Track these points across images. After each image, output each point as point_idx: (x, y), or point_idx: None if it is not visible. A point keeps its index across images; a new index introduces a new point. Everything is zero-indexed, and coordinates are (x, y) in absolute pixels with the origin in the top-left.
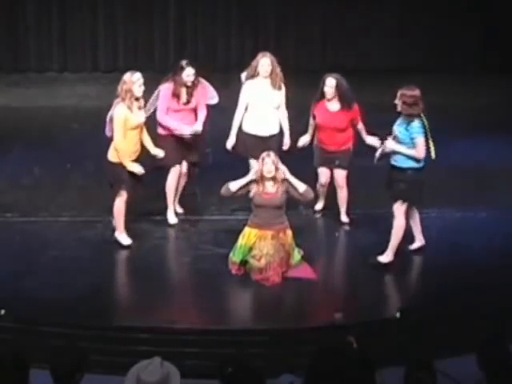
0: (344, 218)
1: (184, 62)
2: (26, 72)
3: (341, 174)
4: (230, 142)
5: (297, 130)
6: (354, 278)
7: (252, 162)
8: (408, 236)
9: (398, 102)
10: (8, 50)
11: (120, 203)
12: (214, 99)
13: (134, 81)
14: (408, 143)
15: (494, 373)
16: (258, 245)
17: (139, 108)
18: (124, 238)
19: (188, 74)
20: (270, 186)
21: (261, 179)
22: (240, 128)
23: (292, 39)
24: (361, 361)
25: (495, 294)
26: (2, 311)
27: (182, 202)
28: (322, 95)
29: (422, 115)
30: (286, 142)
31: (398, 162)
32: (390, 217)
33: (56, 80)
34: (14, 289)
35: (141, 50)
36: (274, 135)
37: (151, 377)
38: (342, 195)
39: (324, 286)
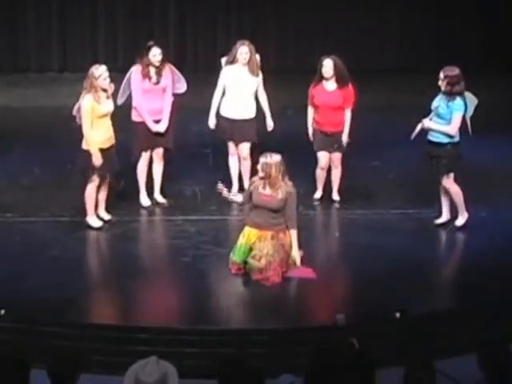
0: (335, 197)
1: (150, 43)
2: (26, 72)
3: (337, 156)
4: (211, 122)
5: (297, 128)
6: (353, 278)
7: (230, 144)
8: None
9: (441, 82)
10: (8, 50)
11: (91, 188)
12: (181, 88)
13: (96, 76)
14: (448, 119)
15: (494, 373)
16: (258, 245)
17: (107, 97)
18: (94, 221)
19: (154, 53)
20: (269, 188)
21: (264, 179)
22: (218, 112)
23: (292, 39)
24: (361, 361)
25: (495, 294)
26: (2, 311)
27: (164, 191)
28: (321, 78)
29: (463, 93)
30: (270, 124)
31: (438, 138)
32: (390, 217)
33: (56, 80)
34: (14, 289)
35: (141, 50)
36: (249, 119)
37: (149, 377)
38: (336, 175)
39: (324, 286)
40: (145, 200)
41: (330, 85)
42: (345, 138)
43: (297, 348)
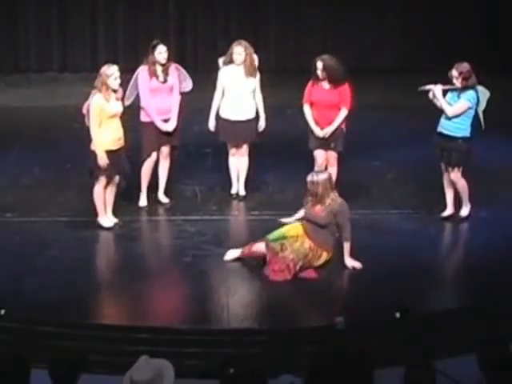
0: None
1: (155, 42)
2: (26, 72)
3: (333, 155)
4: (211, 124)
5: (296, 128)
6: (354, 277)
7: (231, 149)
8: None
9: (456, 80)
10: (8, 50)
11: (99, 189)
12: (187, 87)
13: (108, 74)
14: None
15: (494, 373)
16: (292, 240)
17: (117, 99)
18: (105, 221)
19: (160, 51)
20: (316, 206)
21: (311, 198)
22: (218, 114)
23: (292, 39)
24: (360, 361)
25: (495, 294)
26: (2, 311)
27: (167, 191)
28: (317, 77)
29: (475, 87)
30: (261, 125)
31: (450, 131)
32: (390, 217)
33: (56, 80)
34: (14, 289)
35: (141, 50)
36: (249, 120)
37: (142, 376)
38: (333, 173)
39: (324, 286)
40: (143, 201)
41: (327, 84)
42: (330, 130)
43: (297, 348)
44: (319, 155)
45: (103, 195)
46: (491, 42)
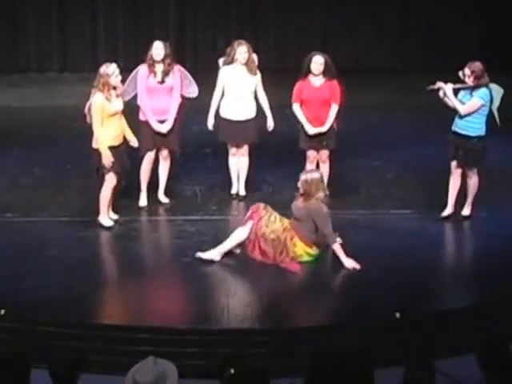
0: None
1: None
2: (26, 72)
3: (325, 152)
4: (210, 123)
5: (297, 127)
6: (353, 277)
7: (231, 149)
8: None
9: (468, 78)
10: (8, 50)
11: (108, 188)
12: (193, 93)
13: (109, 73)
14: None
15: (494, 373)
16: (278, 220)
17: (117, 96)
18: (106, 221)
19: (156, 47)
20: (300, 200)
21: (303, 196)
22: (218, 113)
23: (292, 39)
24: (360, 361)
25: (495, 294)
26: (2, 311)
27: (167, 191)
28: (308, 73)
29: (488, 85)
30: (270, 125)
31: (465, 130)
32: (390, 217)
33: (56, 80)
34: (14, 289)
35: (141, 50)
36: (249, 120)
37: (145, 377)
38: (324, 170)
39: (324, 286)
40: (143, 200)
41: (317, 80)
42: (323, 129)
43: (297, 348)
44: (310, 154)
45: (110, 194)
46: (491, 42)
